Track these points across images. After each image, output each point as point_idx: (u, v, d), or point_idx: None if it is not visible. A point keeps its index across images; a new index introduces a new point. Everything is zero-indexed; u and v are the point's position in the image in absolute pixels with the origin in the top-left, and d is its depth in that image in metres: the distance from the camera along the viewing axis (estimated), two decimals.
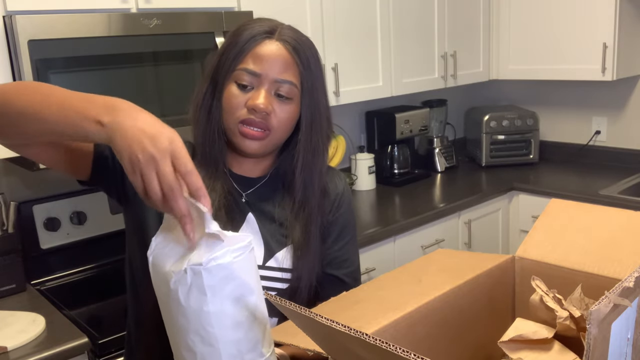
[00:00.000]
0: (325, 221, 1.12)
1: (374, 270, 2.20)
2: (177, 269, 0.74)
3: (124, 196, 1.05)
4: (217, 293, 0.74)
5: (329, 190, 1.14)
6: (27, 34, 1.53)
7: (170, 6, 1.83)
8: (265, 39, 1.01)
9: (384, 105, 2.94)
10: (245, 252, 0.77)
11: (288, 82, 1.01)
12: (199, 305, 0.74)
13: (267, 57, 1.00)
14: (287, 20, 1.07)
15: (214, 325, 0.75)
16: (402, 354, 0.52)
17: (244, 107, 1.00)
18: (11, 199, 1.80)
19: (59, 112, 0.80)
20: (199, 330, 0.75)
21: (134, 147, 0.72)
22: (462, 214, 2.59)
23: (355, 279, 1.19)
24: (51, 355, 1.42)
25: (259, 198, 1.10)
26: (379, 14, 2.52)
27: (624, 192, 2.59)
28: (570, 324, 0.77)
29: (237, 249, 0.76)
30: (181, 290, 0.74)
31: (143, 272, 1.04)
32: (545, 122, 3.27)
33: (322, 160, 1.09)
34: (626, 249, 0.87)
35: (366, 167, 2.77)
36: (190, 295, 0.74)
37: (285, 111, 1.02)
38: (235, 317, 0.77)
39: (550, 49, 2.88)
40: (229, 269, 0.75)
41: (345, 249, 1.17)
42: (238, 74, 1.00)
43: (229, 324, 0.76)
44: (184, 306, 0.75)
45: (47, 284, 1.93)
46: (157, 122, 0.75)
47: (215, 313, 0.75)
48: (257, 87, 1.00)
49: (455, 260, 0.99)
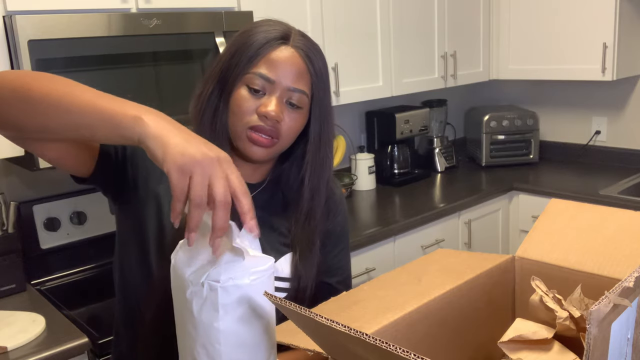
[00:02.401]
0: (323, 230, 1.11)
1: (374, 270, 2.21)
2: (196, 279, 0.75)
3: (122, 196, 1.04)
4: (229, 312, 0.75)
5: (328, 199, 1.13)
6: (27, 34, 1.53)
7: (170, 6, 1.83)
8: (280, 44, 0.99)
9: (384, 105, 2.94)
10: (264, 276, 0.77)
11: (300, 91, 0.99)
12: (209, 321, 0.75)
13: (282, 63, 0.98)
14: (286, 20, 1.07)
15: (221, 343, 0.76)
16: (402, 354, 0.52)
17: (255, 112, 0.98)
18: (11, 199, 1.80)
19: (91, 104, 0.77)
20: (206, 344, 0.76)
21: (191, 149, 0.70)
22: (462, 214, 2.59)
23: (347, 286, 1.19)
24: (51, 355, 1.42)
25: (257, 205, 1.08)
26: (379, 14, 2.52)
27: (624, 192, 2.59)
28: (570, 324, 0.77)
29: (256, 271, 0.76)
30: (195, 302, 0.75)
31: (138, 275, 1.03)
32: (545, 122, 3.27)
33: (329, 171, 1.09)
34: (626, 249, 0.87)
35: (366, 167, 2.77)
36: (204, 309, 0.75)
37: (294, 119, 1.01)
38: (242, 338, 0.77)
39: (550, 49, 2.88)
40: (244, 290, 0.75)
41: (340, 257, 1.16)
42: (250, 78, 0.98)
43: (235, 344, 0.77)
44: (195, 318, 0.76)
45: (47, 284, 1.93)
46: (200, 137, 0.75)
47: (224, 331, 0.75)
48: (269, 94, 0.98)
49: (455, 260, 0.99)
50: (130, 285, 1.07)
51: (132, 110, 0.75)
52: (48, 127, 0.80)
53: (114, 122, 0.75)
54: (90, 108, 0.77)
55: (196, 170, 0.70)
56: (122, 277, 1.09)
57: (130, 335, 1.10)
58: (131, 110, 0.75)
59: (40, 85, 0.79)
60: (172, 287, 0.80)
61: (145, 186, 1.02)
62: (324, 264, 1.12)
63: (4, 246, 1.72)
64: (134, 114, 0.75)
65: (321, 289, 1.11)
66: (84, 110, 0.77)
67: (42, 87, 0.79)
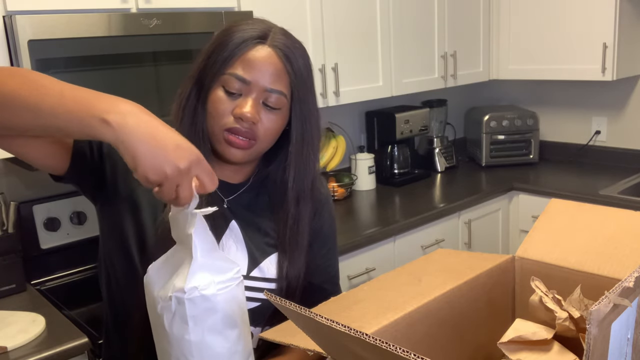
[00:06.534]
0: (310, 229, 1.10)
1: (374, 270, 2.21)
2: (164, 294, 0.76)
3: (101, 195, 1.02)
4: (199, 323, 0.76)
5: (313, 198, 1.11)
6: (27, 34, 1.53)
7: (170, 6, 1.83)
8: (257, 44, 0.96)
9: (384, 105, 2.94)
10: (232, 285, 0.78)
11: (278, 91, 0.97)
12: (180, 334, 0.76)
13: (258, 64, 0.95)
14: (287, 20, 1.06)
15: (194, 355, 0.76)
16: (402, 354, 0.52)
17: (231, 114, 0.96)
18: (11, 199, 1.80)
19: (58, 104, 0.74)
20: (180, 357, 0.77)
21: (160, 163, 0.71)
22: (462, 214, 2.59)
23: (335, 284, 1.18)
24: (51, 355, 1.42)
25: (242, 205, 1.07)
26: (378, 14, 2.52)
27: (624, 192, 2.59)
28: (570, 324, 0.77)
29: (222, 281, 0.77)
30: (166, 316, 0.76)
31: (123, 275, 1.02)
32: (545, 122, 3.27)
33: (314, 171, 1.06)
34: (626, 249, 0.87)
35: (366, 167, 2.77)
36: (174, 323, 0.76)
37: (272, 121, 0.99)
38: (215, 348, 0.78)
39: (550, 49, 2.88)
40: (212, 301, 0.76)
41: (327, 257, 1.15)
42: (226, 79, 0.96)
43: (209, 355, 0.77)
44: (168, 332, 0.76)
45: (47, 284, 1.93)
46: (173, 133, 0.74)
47: (195, 343, 0.76)
48: (246, 95, 0.96)
49: (455, 260, 0.99)
50: (116, 287, 1.06)
51: (98, 111, 0.72)
52: (16, 125, 0.78)
53: (82, 125, 0.73)
54: (58, 109, 0.74)
55: (165, 184, 0.72)
56: (107, 278, 1.07)
57: (120, 337, 1.09)
58: (98, 111, 0.72)
59: (13, 83, 0.76)
60: (147, 306, 0.81)
61: (124, 184, 1.00)
62: (311, 264, 1.11)
63: (4, 246, 1.72)
64: (100, 115, 0.72)
65: (308, 290, 1.10)
66: (52, 111, 0.74)
67: (13, 84, 0.76)
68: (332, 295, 1.15)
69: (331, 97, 2.36)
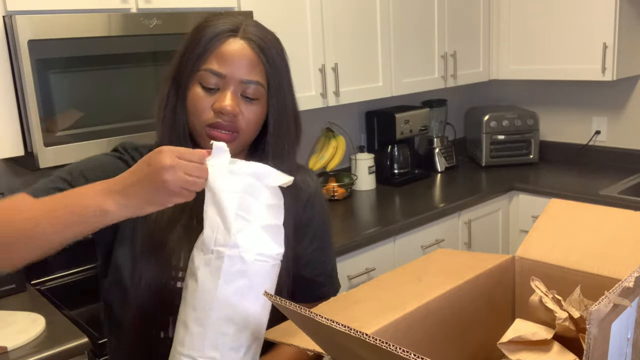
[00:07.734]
0: (298, 221, 1.08)
1: (374, 270, 2.21)
2: (206, 248, 0.81)
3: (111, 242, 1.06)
4: (229, 282, 0.80)
5: (299, 190, 1.09)
6: (27, 34, 1.53)
7: (170, 6, 1.83)
8: (229, 37, 0.96)
9: (384, 105, 2.94)
10: (269, 263, 0.83)
11: (254, 82, 0.97)
12: (209, 287, 0.80)
13: (231, 57, 0.96)
14: (287, 20, 1.06)
15: (213, 309, 0.80)
16: (402, 354, 0.52)
17: (211, 109, 0.96)
18: None
19: (52, 223, 0.82)
20: (198, 307, 0.81)
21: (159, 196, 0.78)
22: (462, 214, 2.59)
23: (331, 277, 1.17)
24: (51, 355, 1.42)
25: None
26: (379, 14, 2.52)
27: (624, 192, 2.59)
28: (570, 325, 0.77)
29: (261, 253, 0.81)
30: (202, 269, 0.81)
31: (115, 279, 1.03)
32: (545, 122, 3.27)
33: (289, 162, 1.05)
34: (626, 249, 0.87)
35: (366, 167, 2.77)
36: (207, 275, 0.81)
37: (253, 112, 0.99)
38: (233, 312, 0.81)
39: (550, 49, 2.87)
40: (247, 265, 0.80)
41: (322, 251, 1.15)
42: (202, 75, 0.96)
43: (225, 317, 0.81)
44: (198, 283, 0.81)
45: (47, 284, 1.93)
46: (134, 170, 0.80)
47: (218, 299, 0.80)
48: (223, 89, 0.96)
49: (455, 260, 0.99)
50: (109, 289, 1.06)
51: (92, 210, 0.81)
52: (45, 253, 0.87)
53: (87, 225, 0.83)
54: (61, 226, 0.83)
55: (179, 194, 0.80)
56: (102, 281, 1.08)
57: (115, 338, 1.09)
58: (91, 209, 0.81)
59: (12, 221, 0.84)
60: (187, 275, 0.85)
61: None
62: (304, 257, 1.11)
63: None
64: (97, 208, 0.81)
65: (299, 282, 1.09)
66: (55, 231, 0.83)
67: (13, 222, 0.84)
68: (325, 288, 1.16)
69: (331, 97, 2.36)
